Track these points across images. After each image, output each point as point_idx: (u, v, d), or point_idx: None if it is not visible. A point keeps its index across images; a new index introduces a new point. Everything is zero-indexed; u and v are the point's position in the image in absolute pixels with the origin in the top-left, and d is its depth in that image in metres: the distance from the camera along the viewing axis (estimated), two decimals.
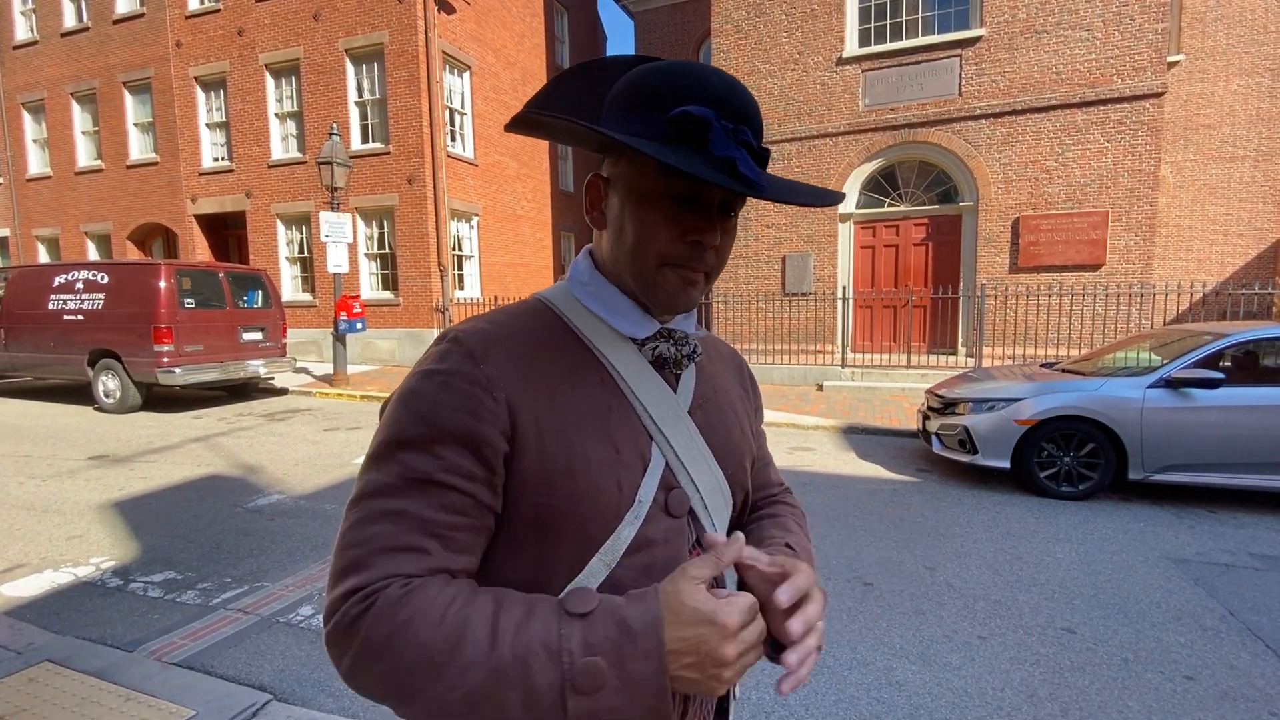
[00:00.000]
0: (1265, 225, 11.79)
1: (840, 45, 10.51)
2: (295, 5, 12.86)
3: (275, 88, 13.48)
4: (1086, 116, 9.22)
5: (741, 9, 11.13)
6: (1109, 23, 9.03)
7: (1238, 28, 11.64)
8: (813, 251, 11.01)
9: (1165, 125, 11.31)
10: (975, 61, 9.73)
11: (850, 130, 10.56)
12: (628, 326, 0.74)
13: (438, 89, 12.15)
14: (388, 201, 12.49)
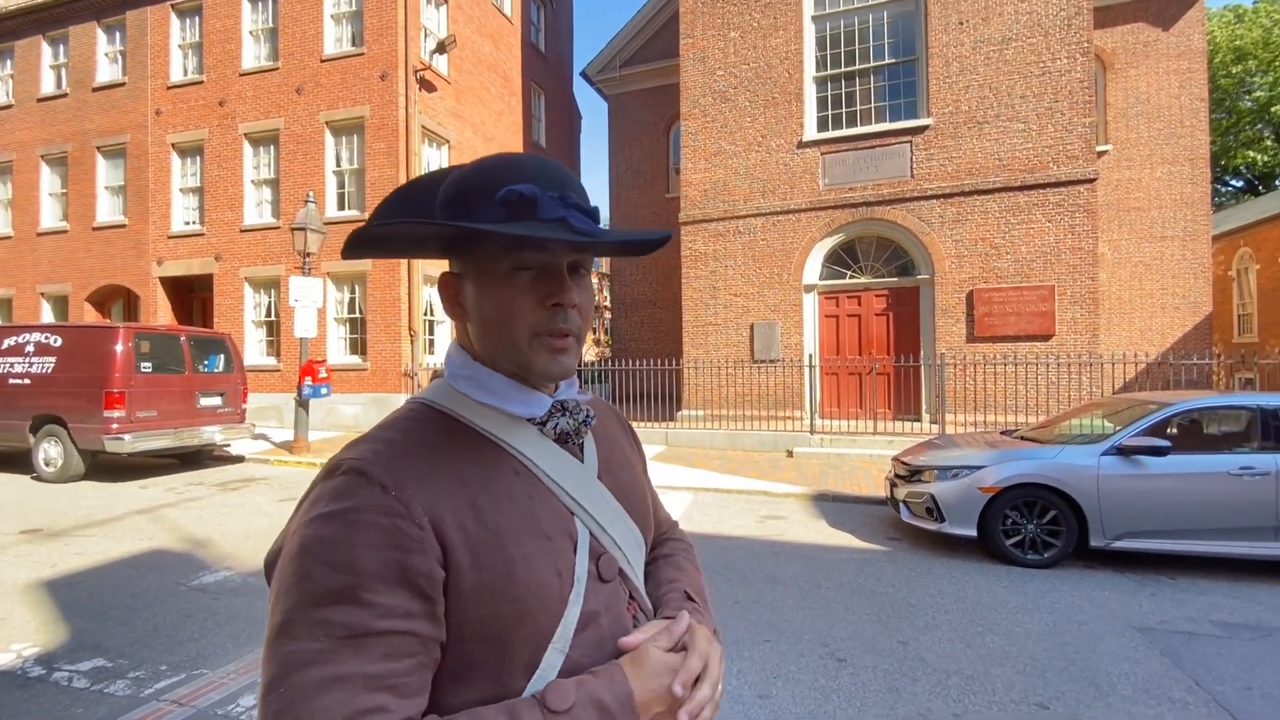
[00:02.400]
0: (1198, 300, 12.58)
1: (800, 130, 11.21)
2: (278, 79, 13.25)
3: (253, 155, 13.69)
4: (1028, 199, 9.90)
5: (708, 95, 11.85)
6: (1042, 116, 9.86)
7: (1156, 122, 12.80)
8: (779, 320, 11.32)
9: (1100, 207, 12.17)
10: (925, 147, 10.46)
11: (812, 207, 11.11)
12: (522, 408, 0.75)
13: (416, 161, 12.48)
14: (360, 267, 12.53)
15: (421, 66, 12.61)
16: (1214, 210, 32.32)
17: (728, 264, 11.74)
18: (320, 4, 12.95)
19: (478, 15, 14.99)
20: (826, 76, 11.29)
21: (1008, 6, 9.99)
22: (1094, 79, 9.96)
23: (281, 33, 13.24)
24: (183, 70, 14.38)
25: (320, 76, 12.88)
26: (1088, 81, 9.69)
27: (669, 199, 16.36)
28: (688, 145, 12.02)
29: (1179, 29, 12.66)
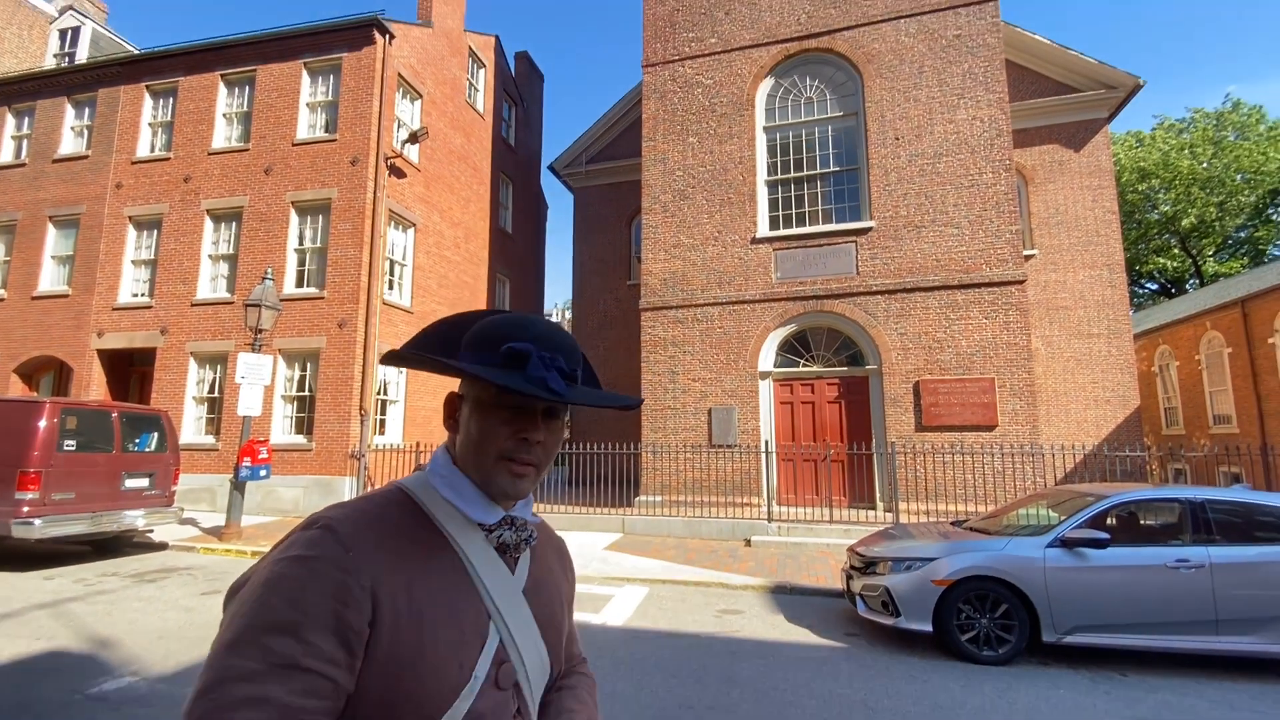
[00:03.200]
0: (1127, 394, 13.36)
1: (754, 228, 11.87)
2: (247, 159, 13.45)
3: (213, 230, 13.62)
4: (966, 296, 10.56)
5: (668, 193, 12.52)
6: (974, 222, 10.72)
7: (1075, 231, 14.04)
8: (736, 405, 11.48)
9: (1030, 306, 13.06)
10: (868, 247, 11.17)
11: (766, 299, 11.59)
12: (477, 513, 0.88)
13: (380, 242, 12.62)
14: (314, 344, 12.31)
15: (392, 154, 13.03)
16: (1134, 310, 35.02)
17: (686, 350, 11.99)
18: (297, 92, 13.40)
19: (451, 110, 15.74)
20: (777, 180, 12.12)
21: (937, 126, 11.07)
22: (1017, 191, 10.97)
23: (255, 116, 13.58)
24: (150, 146, 14.47)
25: (290, 159, 13.13)
26: (1011, 194, 10.65)
27: (630, 286, 16.85)
28: (648, 238, 12.55)
29: (1088, 150, 14.18)
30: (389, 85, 13.13)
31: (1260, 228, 33.10)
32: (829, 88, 12.04)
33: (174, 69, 14.38)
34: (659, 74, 12.99)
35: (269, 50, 13.67)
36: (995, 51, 10.99)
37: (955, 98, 11.06)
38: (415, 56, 14.27)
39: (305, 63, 13.41)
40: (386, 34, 13.03)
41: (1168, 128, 33.16)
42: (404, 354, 0.91)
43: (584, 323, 17.72)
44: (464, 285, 15.98)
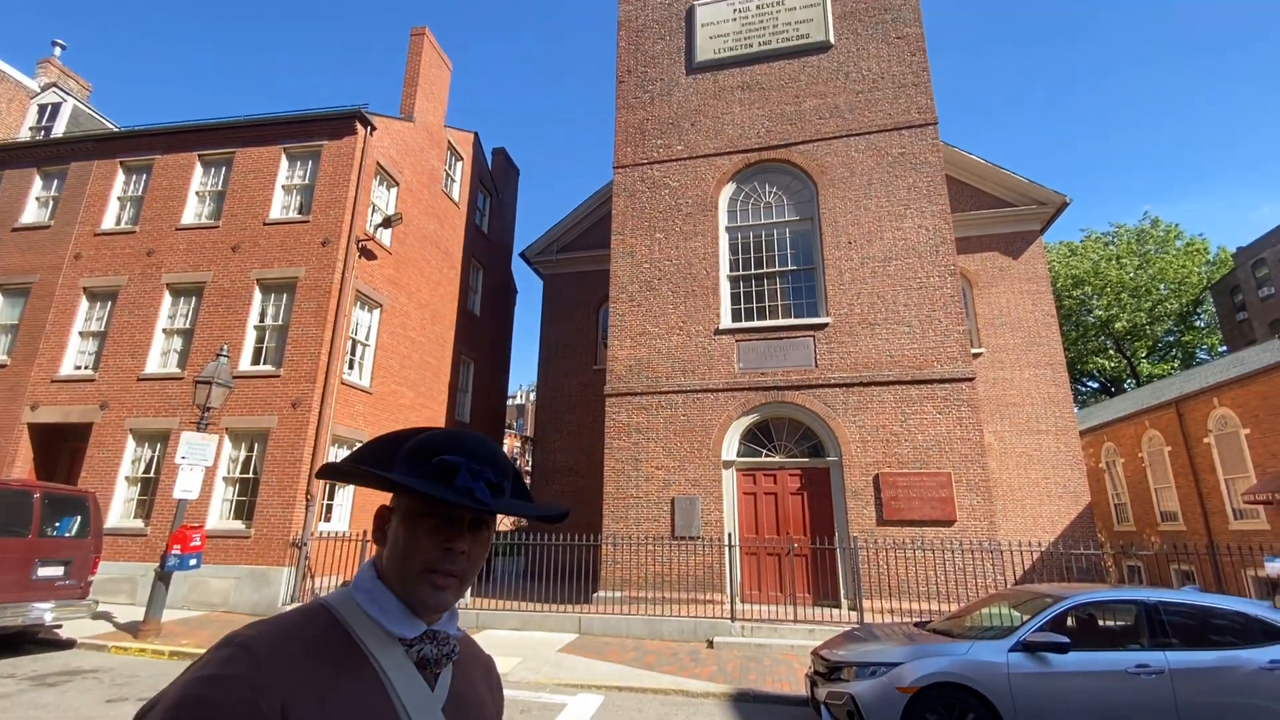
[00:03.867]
0: (1078, 490, 13.69)
1: (717, 320, 12.23)
2: (215, 236, 13.45)
3: (171, 305, 13.36)
4: (919, 392, 10.91)
5: (635, 283, 12.91)
6: (924, 321, 11.26)
7: (1019, 332, 14.84)
8: (700, 495, 11.34)
9: (981, 402, 13.53)
10: (826, 342, 11.58)
11: (728, 388, 11.76)
12: (399, 627, 0.90)
13: (345, 321, 12.54)
14: (264, 424, 11.86)
15: (365, 237, 13.22)
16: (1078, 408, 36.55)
17: (650, 437, 11.94)
18: (274, 175, 13.67)
19: (426, 198, 16.21)
20: (739, 276, 12.64)
21: (886, 233, 11.84)
22: (962, 294, 11.65)
23: (229, 196, 13.72)
24: (116, 220, 14.39)
25: (260, 238, 13.19)
26: (957, 296, 11.29)
27: (596, 371, 16.94)
28: (615, 325, 12.78)
29: (1025, 258, 15.26)
30: (367, 173, 13.52)
31: (1187, 333, 35.57)
32: (786, 194, 12.86)
33: (152, 147, 14.58)
34: (629, 175, 13.72)
35: (250, 134, 14.03)
36: (936, 168, 11.99)
37: (902, 207, 11.92)
38: (395, 147, 14.82)
39: (285, 148, 13.78)
40: (368, 126, 13.56)
41: (1095, 239, 36.15)
42: (339, 467, 0.95)
43: (548, 406, 17.59)
44: (427, 366, 15.84)
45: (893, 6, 12.94)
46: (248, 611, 10.79)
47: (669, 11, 14.33)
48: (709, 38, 13.81)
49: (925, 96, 12.36)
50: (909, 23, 12.78)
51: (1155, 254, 33.98)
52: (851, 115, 12.64)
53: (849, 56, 12.97)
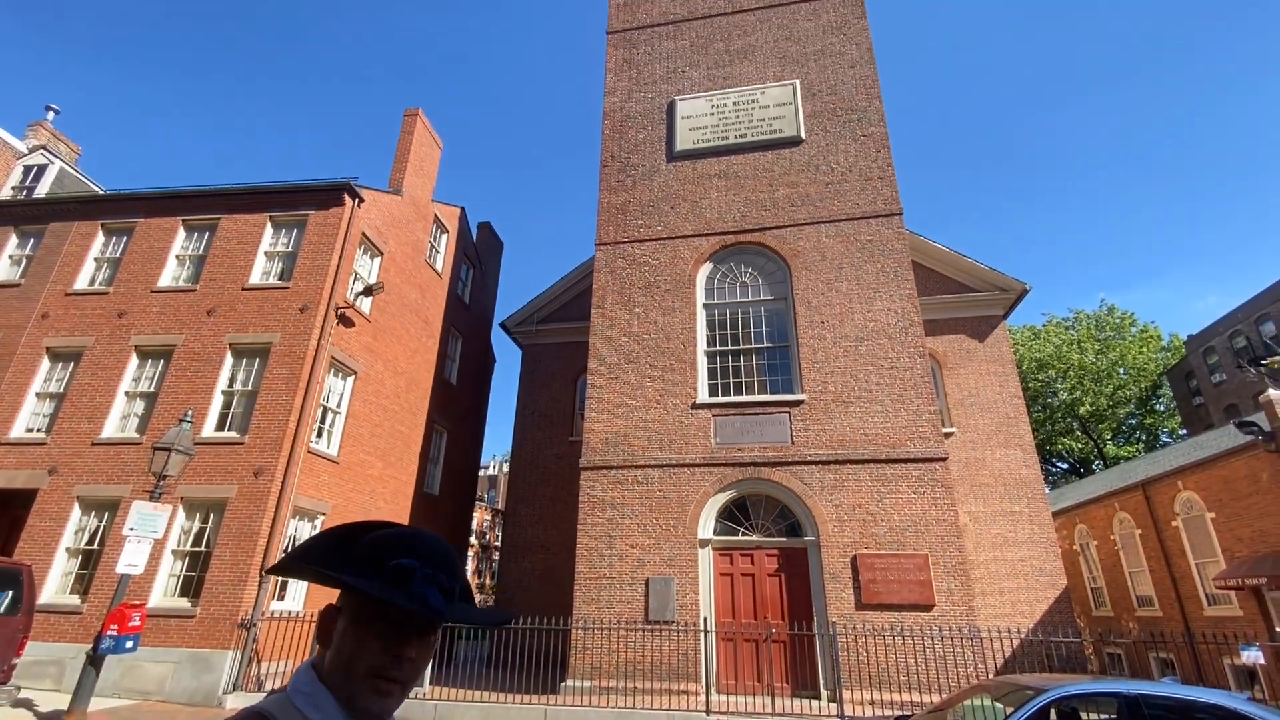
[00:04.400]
0: (1054, 573, 13.60)
1: (694, 394, 12.31)
2: (191, 300, 13.35)
3: (137, 367, 13.06)
4: (894, 471, 10.95)
5: (614, 356, 13.01)
6: (895, 401, 11.46)
7: (988, 412, 15.15)
8: (675, 575, 11.00)
9: (955, 482, 13.60)
10: (801, 419, 11.67)
11: (705, 463, 11.68)
12: None
13: (317, 389, 12.34)
14: (223, 493, 11.38)
15: (344, 305, 13.24)
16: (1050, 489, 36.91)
17: (625, 513, 11.68)
18: (258, 241, 13.78)
19: (409, 268, 16.42)
20: (716, 352, 12.85)
21: (857, 314, 12.23)
22: (932, 374, 11.94)
23: (210, 260, 13.74)
24: (90, 280, 14.25)
25: (236, 302, 13.12)
26: (927, 377, 11.57)
27: (571, 442, 16.73)
28: (592, 397, 12.76)
29: (990, 341, 15.80)
30: (352, 242, 13.71)
31: (1148, 416, 36.64)
32: (761, 275, 13.31)
33: (135, 210, 14.68)
34: (610, 252, 14.12)
35: (238, 202, 14.24)
36: (902, 255, 12.57)
37: (871, 290, 12.38)
38: (381, 219, 15.13)
39: (272, 216, 13.97)
40: (356, 198, 13.88)
41: (1056, 324, 37.71)
42: (288, 564, 0.94)
43: (522, 478, 17.22)
44: (398, 435, 15.51)
45: (859, 108, 13.94)
46: (184, 700, 9.95)
47: (651, 104, 15.24)
48: (689, 129, 14.64)
49: (890, 189, 13.12)
50: (874, 123, 13.74)
51: (1114, 339, 35.51)
52: (822, 204, 13.32)
53: (819, 150, 13.81)
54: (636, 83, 15.57)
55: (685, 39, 15.68)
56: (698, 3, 15.99)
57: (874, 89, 14.07)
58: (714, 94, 14.84)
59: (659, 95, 15.31)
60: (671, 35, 15.81)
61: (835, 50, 14.62)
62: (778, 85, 14.54)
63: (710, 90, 14.95)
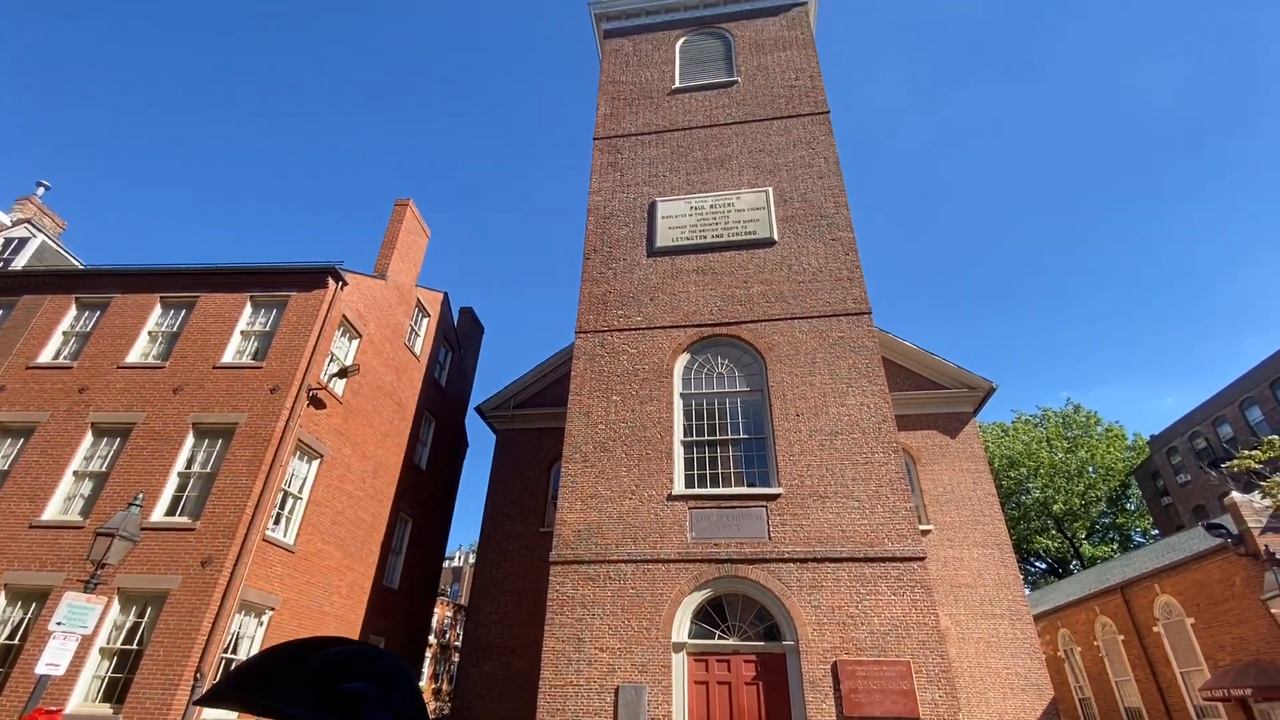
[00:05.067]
0: (1040, 682, 13.10)
1: (670, 484, 12.12)
2: (158, 377, 13.05)
3: (91, 445, 12.52)
4: (873, 570, 10.71)
5: (589, 443, 12.87)
6: (872, 496, 11.40)
7: (964, 509, 15.11)
8: (647, 684, 10.34)
9: (934, 583, 13.33)
10: (778, 513, 11.50)
11: (680, 559, 11.31)
12: None
13: (280, 473, 11.90)
14: (165, 584, 10.63)
15: (318, 386, 13.05)
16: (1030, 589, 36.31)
17: (596, 613, 11.12)
18: (235, 320, 13.71)
19: (387, 350, 16.39)
20: (693, 442, 12.80)
21: (831, 408, 12.39)
22: (907, 470, 11.98)
23: (183, 338, 13.58)
24: (55, 354, 13.92)
25: (206, 381, 12.86)
26: (901, 473, 11.60)
27: (543, 533, 16.16)
28: (566, 486, 12.48)
29: (962, 438, 16.03)
30: (331, 324, 13.72)
31: (1120, 515, 36.86)
32: (737, 366, 13.54)
33: (113, 286, 14.61)
34: (590, 340, 14.30)
35: (219, 281, 14.29)
36: (873, 352, 12.95)
37: (845, 385, 12.62)
38: (363, 302, 15.25)
39: (252, 296, 14.01)
40: (340, 281, 14.04)
41: (1025, 421, 38.53)
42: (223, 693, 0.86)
43: (488, 570, 16.43)
44: (360, 524, 14.85)
45: (828, 214, 14.81)
46: None
47: (634, 204, 16.02)
48: (668, 227, 15.34)
49: (859, 289, 13.71)
50: (842, 228, 14.56)
51: (1081, 438, 36.27)
52: (795, 301, 13.82)
53: (791, 251, 14.50)
54: (620, 184, 16.43)
55: (666, 147, 16.76)
56: (678, 116, 17.24)
57: (841, 198, 15.03)
58: (693, 197, 15.69)
59: (641, 196, 16.13)
60: (653, 144, 16.90)
61: (804, 162, 15.71)
62: (752, 191, 15.46)
63: (689, 193, 15.81)
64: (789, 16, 18.48)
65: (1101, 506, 35.78)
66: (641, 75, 18.33)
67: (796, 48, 17.77)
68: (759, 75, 17.43)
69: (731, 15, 18.92)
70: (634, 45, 19.06)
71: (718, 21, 18.92)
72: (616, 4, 19.67)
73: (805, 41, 17.88)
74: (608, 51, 19.18)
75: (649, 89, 17.99)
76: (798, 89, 16.93)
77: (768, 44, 18.04)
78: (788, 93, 16.92)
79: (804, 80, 17.05)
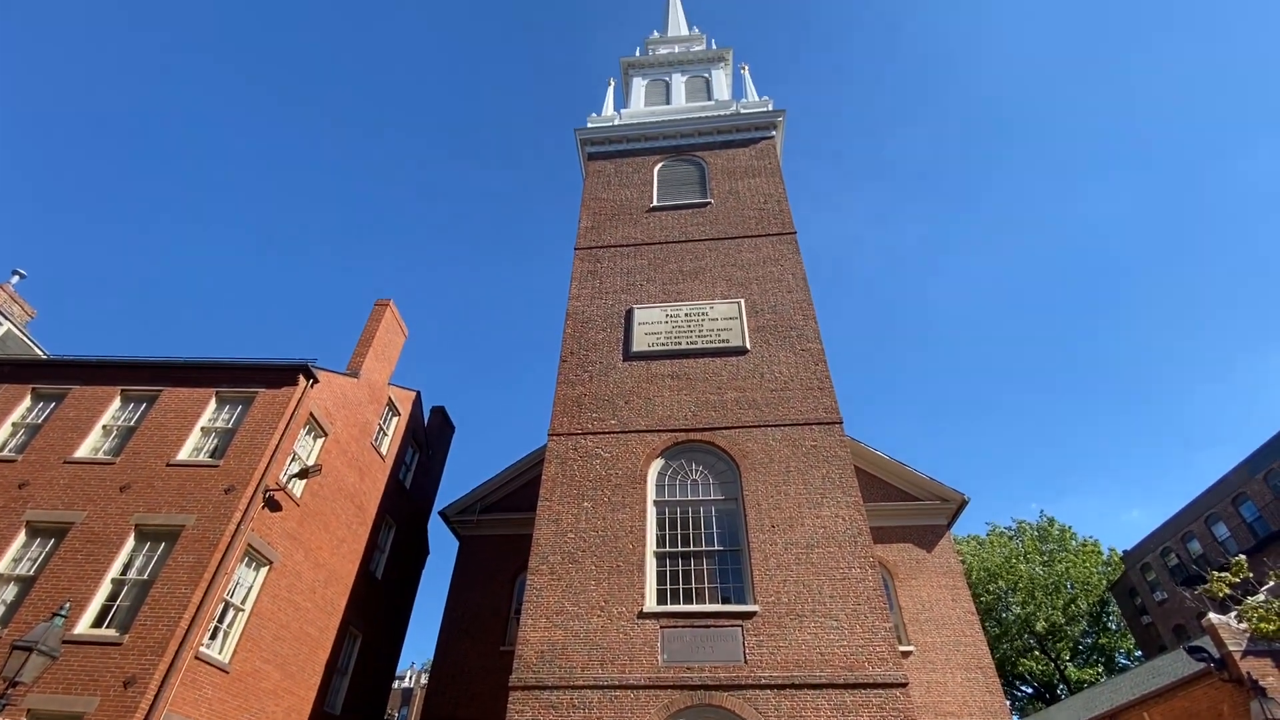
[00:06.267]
0: None
1: (642, 600, 11.57)
2: (106, 474, 12.43)
3: (22, 545, 11.66)
4: (854, 699, 10.11)
5: (557, 554, 12.37)
6: (850, 615, 10.99)
7: (944, 629, 14.59)
8: None
9: (918, 711, 12.60)
10: (754, 633, 10.97)
11: (651, 684, 10.57)
12: None
13: (223, 580, 11.11)
14: (80, 707, 9.54)
15: (275, 487, 12.52)
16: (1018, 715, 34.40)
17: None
18: (198, 416, 13.32)
19: (353, 450, 15.95)
20: (666, 553, 12.39)
21: (806, 519, 12.23)
22: (884, 586, 11.66)
23: (140, 433, 13.09)
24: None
25: (156, 479, 12.27)
26: (879, 589, 11.28)
27: (503, 652, 15.08)
28: (530, 600, 11.82)
29: (938, 551, 15.80)
30: (297, 422, 13.41)
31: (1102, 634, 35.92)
32: (712, 474, 13.43)
33: (73, 377, 14.23)
34: (563, 443, 14.16)
35: (184, 375, 14.02)
36: (845, 462, 13.01)
37: (819, 495, 12.54)
38: (332, 400, 15.03)
39: (218, 391, 13.73)
40: (311, 379, 13.89)
41: (999, 534, 38.28)
42: None
43: (441, 695, 15.10)
44: (306, 639, 13.72)
45: (797, 326, 15.41)
46: None
47: (610, 310, 16.51)
48: (644, 334, 15.74)
49: (829, 399, 14.00)
50: (811, 339, 15.10)
51: (1058, 552, 36.01)
52: (768, 408, 14.01)
53: (763, 360, 14.89)
54: (598, 291, 17.00)
55: (644, 258, 17.56)
56: (655, 231, 18.23)
57: (809, 311, 15.70)
58: (668, 305, 16.25)
59: (619, 303, 16.65)
60: (632, 255, 17.71)
61: (774, 277, 16.54)
62: (725, 302, 16.09)
63: (665, 302, 16.40)
64: (757, 148, 20.16)
65: (1083, 625, 34.91)
66: (622, 194, 19.53)
67: (765, 175, 19.24)
68: (731, 198, 18.70)
69: (705, 145, 20.59)
70: (615, 167, 20.46)
71: (693, 150, 20.54)
72: (600, 131, 21.33)
73: (772, 170, 19.40)
74: (591, 171, 20.53)
75: (629, 206, 19.11)
76: (766, 211, 18.15)
77: (739, 171, 19.52)
78: (757, 214, 18.11)
79: (772, 204, 18.33)
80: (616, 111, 22.97)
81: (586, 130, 21.51)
